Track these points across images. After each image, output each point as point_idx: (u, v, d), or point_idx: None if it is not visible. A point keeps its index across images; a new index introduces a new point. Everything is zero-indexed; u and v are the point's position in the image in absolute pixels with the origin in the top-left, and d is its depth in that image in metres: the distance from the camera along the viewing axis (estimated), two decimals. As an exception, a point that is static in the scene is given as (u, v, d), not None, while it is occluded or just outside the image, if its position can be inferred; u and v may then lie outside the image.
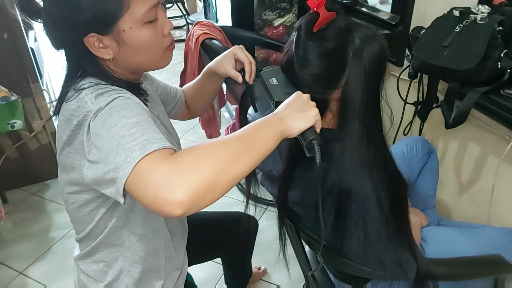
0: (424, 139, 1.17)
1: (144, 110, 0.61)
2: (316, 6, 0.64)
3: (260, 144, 0.57)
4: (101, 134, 0.57)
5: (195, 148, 0.53)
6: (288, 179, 0.79)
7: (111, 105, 0.60)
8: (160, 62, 0.72)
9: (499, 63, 0.96)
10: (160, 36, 0.68)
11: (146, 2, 0.63)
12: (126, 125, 0.56)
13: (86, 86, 0.64)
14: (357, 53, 0.64)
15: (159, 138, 0.55)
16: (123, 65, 0.69)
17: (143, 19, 0.64)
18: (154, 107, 0.82)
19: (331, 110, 0.73)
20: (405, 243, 0.72)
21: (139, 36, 0.65)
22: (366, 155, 0.66)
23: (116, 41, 0.64)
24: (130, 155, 0.52)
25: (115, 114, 0.58)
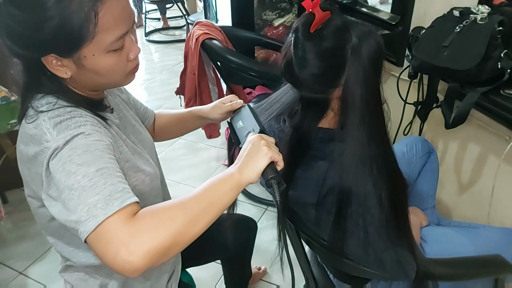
0: (424, 139, 1.17)
1: (105, 150, 0.59)
2: (311, 7, 0.65)
3: (217, 202, 0.60)
4: (61, 179, 0.56)
5: (155, 212, 0.56)
6: (288, 179, 0.79)
7: (70, 146, 0.57)
8: (121, 83, 0.70)
9: (499, 63, 0.96)
10: (125, 62, 0.65)
11: (113, 32, 0.59)
12: (87, 175, 0.55)
13: (44, 109, 0.62)
14: (355, 50, 0.64)
15: (121, 190, 0.56)
16: (81, 83, 0.66)
17: (107, 48, 0.60)
18: (123, 116, 0.79)
19: (333, 108, 0.73)
20: (405, 242, 0.72)
21: (101, 63, 0.61)
22: (367, 152, 0.67)
23: (76, 64, 0.61)
24: (92, 213, 0.53)
25: (75, 159, 0.56)
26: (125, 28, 0.61)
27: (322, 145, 0.75)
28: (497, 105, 1.00)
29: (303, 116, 0.75)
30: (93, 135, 0.60)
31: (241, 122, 0.75)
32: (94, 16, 0.56)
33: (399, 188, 0.72)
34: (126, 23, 0.61)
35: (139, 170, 0.72)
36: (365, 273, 0.72)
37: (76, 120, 0.61)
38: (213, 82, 1.74)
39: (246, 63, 1.45)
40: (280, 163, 0.63)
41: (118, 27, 0.60)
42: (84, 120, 0.61)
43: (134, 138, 0.79)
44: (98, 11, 0.56)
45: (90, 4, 0.56)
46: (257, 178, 0.62)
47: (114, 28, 0.59)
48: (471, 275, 0.87)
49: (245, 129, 0.72)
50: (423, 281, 0.75)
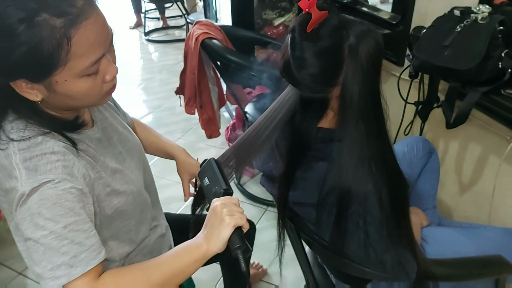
0: (424, 139, 1.17)
1: (75, 199, 0.58)
2: (307, 6, 0.64)
3: (180, 273, 0.63)
4: (27, 229, 0.55)
5: (119, 278, 0.60)
6: (288, 179, 0.79)
7: (39, 195, 0.55)
8: (95, 104, 0.67)
9: (500, 63, 0.96)
10: (100, 84, 0.61)
11: (88, 58, 0.56)
12: (54, 231, 0.55)
13: (14, 138, 0.59)
14: (352, 49, 0.64)
15: (87, 249, 0.57)
16: (53, 105, 0.62)
17: (81, 74, 0.57)
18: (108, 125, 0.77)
19: (332, 108, 0.73)
20: (405, 242, 0.72)
21: (73, 88, 0.58)
22: (365, 151, 0.66)
23: (47, 89, 0.58)
24: (55, 274, 0.55)
25: (44, 213, 0.55)
26: (100, 52, 0.58)
27: (322, 145, 0.75)
28: (498, 105, 1.00)
29: (303, 116, 0.75)
30: (63, 183, 0.57)
31: (207, 179, 0.75)
32: (66, 42, 0.53)
33: (399, 188, 0.72)
34: (102, 46, 0.58)
35: (120, 193, 0.70)
36: (365, 273, 0.72)
37: (47, 160, 0.58)
38: (213, 81, 1.73)
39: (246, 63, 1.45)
40: (245, 226, 0.64)
41: (93, 53, 0.56)
42: (56, 160, 0.58)
43: (120, 148, 0.76)
44: (71, 37, 0.53)
45: (63, 30, 0.52)
46: (223, 247, 0.63)
47: (88, 54, 0.56)
48: (472, 275, 0.86)
49: (210, 187, 0.73)
50: (424, 282, 0.75)
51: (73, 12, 0.53)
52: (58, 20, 0.52)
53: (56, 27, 0.52)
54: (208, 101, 1.74)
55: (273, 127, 0.76)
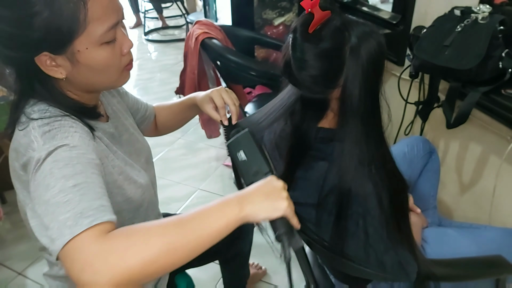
0: (425, 139, 1.17)
1: (88, 165, 0.57)
2: (310, 6, 0.63)
3: (205, 236, 0.51)
4: (41, 192, 0.54)
5: (132, 231, 0.51)
6: (288, 179, 0.79)
7: (53, 157, 0.55)
8: (117, 82, 0.69)
9: (500, 62, 0.96)
10: (119, 56, 0.65)
11: (104, 22, 0.59)
12: (63, 189, 0.53)
13: (35, 117, 0.61)
14: (354, 51, 0.63)
15: (95, 208, 0.52)
16: (76, 84, 0.65)
17: (100, 40, 0.60)
18: (120, 124, 0.78)
19: (332, 109, 0.72)
20: (405, 243, 0.71)
21: (95, 57, 0.61)
22: (365, 152, 0.66)
23: (70, 61, 0.60)
24: (62, 232, 0.50)
25: (55, 173, 0.54)
26: (114, 18, 0.61)
27: (322, 145, 0.74)
28: (498, 105, 1.00)
29: (303, 115, 0.75)
30: (78, 148, 0.57)
31: (243, 154, 0.65)
32: (83, 6, 0.56)
33: (399, 189, 0.72)
34: (115, 13, 0.61)
35: (132, 181, 0.71)
36: (365, 274, 0.72)
37: (65, 130, 0.59)
38: (213, 81, 1.73)
39: (246, 63, 1.45)
40: (295, 224, 0.58)
41: (108, 17, 0.60)
42: (73, 131, 0.60)
43: (130, 147, 0.78)
44: (87, 1, 0.56)
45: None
46: (260, 220, 0.56)
47: (104, 18, 0.59)
48: (473, 275, 0.86)
49: (249, 164, 0.64)
50: (424, 282, 0.75)
51: None
52: None
53: None
54: (208, 101, 1.74)
55: (271, 124, 0.76)
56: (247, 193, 0.56)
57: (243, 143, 0.66)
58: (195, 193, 1.91)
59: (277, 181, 0.58)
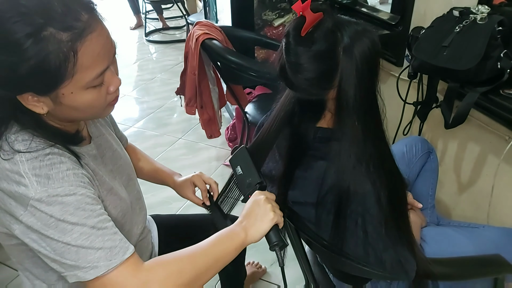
0: (423, 139, 1.17)
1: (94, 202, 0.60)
2: (301, 9, 0.63)
3: (222, 259, 0.66)
4: (54, 235, 0.57)
5: (166, 264, 0.61)
6: (288, 179, 0.80)
7: (61, 204, 0.57)
8: (100, 115, 0.69)
9: (499, 63, 0.96)
10: (104, 96, 0.62)
11: (93, 70, 0.57)
12: (83, 233, 0.57)
13: (21, 149, 0.59)
14: (347, 51, 0.63)
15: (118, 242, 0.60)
16: (57, 118, 0.64)
17: (87, 85, 0.58)
18: (103, 141, 0.78)
19: (329, 109, 0.73)
20: (404, 241, 0.72)
21: (79, 99, 0.59)
22: (363, 151, 0.66)
23: (53, 101, 0.59)
24: (93, 264, 0.57)
25: (69, 219, 0.57)
26: (105, 64, 0.59)
27: (321, 145, 0.75)
28: (496, 105, 1.00)
29: (301, 117, 0.75)
30: (79, 189, 0.59)
31: (239, 168, 0.77)
32: (73, 55, 0.54)
33: (397, 188, 0.72)
34: (107, 58, 0.59)
35: (113, 206, 0.72)
36: (365, 272, 0.72)
37: (57, 169, 0.59)
38: (213, 82, 1.74)
39: (246, 63, 1.45)
40: (281, 224, 0.69)
41: (98, 65, 0.58)
42: (65, 169, 0.60)
43: (113, 165, 0.78)
44: (78, 50, 0.54)
45: (69, 44, 0.53)
46: (260, 239, 0.68)
47: (94, 66, 0.57)
48: (471, 274, 0.87)
49: (244, 177, 0.76)
50: (423, 281, 0.75)
51: (79, 26, 0.54)
52: (64, 34, 0.53)
53: (62, 41, 0.53)
54: (208, 101, 1.74)
55: (277, 129, 0.76)
56: (244, 220, 0.69)
57: (240, 158, 0.78)
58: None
59: (260, 197, 0.70)
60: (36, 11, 0.52)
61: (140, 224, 0.87)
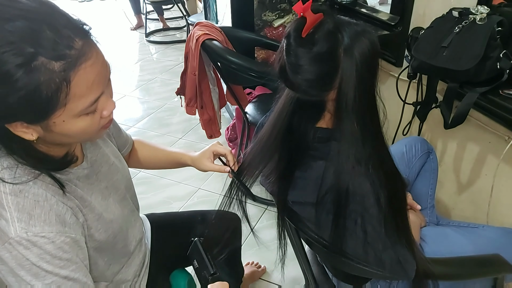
0: (423, 139, 1.17)
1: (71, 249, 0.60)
2: (302, 10, 0.63)
3: None
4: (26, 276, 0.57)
5: None
6: (287, 179, 0.80)
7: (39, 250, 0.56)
8: (92, 139, 0.67)
9: (498, 63, 0.96)
10: (98, 122, 0.60)
11: (87, 98, 0.54)
12: (55, 281, 0.58)
13: (5, 178, 0.57)
14: (348, 52, 0.63)
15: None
16: (47, 143, 0.61)
17: (79, 114, 0.56)
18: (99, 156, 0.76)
19: (329, 110, 0.73)
20: (404, 241, 0.72)
21: (71, 127, 0.57)
22: (362, 152, 0.67)
23: (44, 129, 0.56)
24: None
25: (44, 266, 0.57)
26: (99, 91, 0.56)
27: (320, 145, 0.75)
28: (496, 105, 1.00)
29: (301, 117, 0.76)
30: (58, 236, 0.59)
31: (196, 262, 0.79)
32: (66, 86, 0.51)
33: (397, 188, 0.72)
34: (101, 85, 0.57)
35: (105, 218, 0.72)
36: (364, 272, 0.72)
37: (40, 210, 0.58)
38: (213, 82, 1.74)
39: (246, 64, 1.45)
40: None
41: (92, 93, 0.55)
42: (48, 209, 0.59)
43: (108, 181, 0.76)
44: (71, 80, 0.51)
45: (62, 74, 0.50)
46: None
47: (87, 94, 0.54)
48: (471, 274, 0.87)
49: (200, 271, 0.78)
50: (423, 280, 0.75)
51: (72, 55, 0.51)
52: (56, 64, 0.50)
53: (55, 70, 0.50)
54: (208, 101, 1.75)
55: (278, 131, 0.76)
56: None
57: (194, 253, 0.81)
58: (196, 192, 1.92)
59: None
60: (25, 39, 0.48)
61: (137, 235, 0.88)
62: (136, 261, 0.89)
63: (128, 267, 0.86)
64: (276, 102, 0.80)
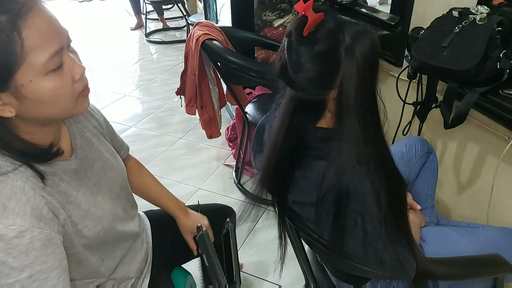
0: (423, 139, 1.17)
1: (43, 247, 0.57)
2: (303, 9, 0.63)
3: None
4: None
5: None
6: (288, 179, 0.80)
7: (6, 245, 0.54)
8: (74, 110, 0.62)
9: (498, 63, 0.96)
10: (69, 83, 0.58)
11: (45, 50, 0.54)
12: (19, 280, 0.55)
13: None
14: (349, 51, 0.63)
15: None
16: (29, 120, 0.59)
17: (44, 70, 0.54)
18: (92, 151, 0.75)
19: (330, 109, 0.73)
20: (404, 241, 0.72)
21: (41, 88, 0.55)
22: (363, 152, 0.67)
23: (16, 97, 0.55)
24: None
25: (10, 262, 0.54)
26: (57, 44, 0.55)
27: (320, 145, 0.75)
28: (496, 105, 1.00)
29: (301, 116, 0.76)
30: (29, 231, 0.56)
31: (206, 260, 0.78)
32: (17, 36, 0.51)
33: (397, 188, 0.72)
34: (57, 39, 0.56)
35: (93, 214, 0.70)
36: (364, 272, 0.72)
37: (16, 201, 0.56)
38: (213, 82, 1.74)
39: (246, 64, 1.45)
40: None
41: (49, 44, 0.54)
42: (25, 201, 0.57)
43: (100, 178, 0.75)
44: (21, 30, 0.51)
45: (9, 24, 0.50)
46: None
47: (44, 45, 0.54)
48: (471, 274, 0.87)
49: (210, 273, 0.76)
50: (423, 280, 0.75)
51: (16, 7, 0.52)
52: (2, 16, 0.51)
53: (2, 21, 0.50)
54: (208, 101, 1.75)
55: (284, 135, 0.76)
56: None
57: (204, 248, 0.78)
58: (196, 192, 1.92)
59: None
60: None
61: (134, 230, 0.87)
62: (138, 258, 0.89)
63: (131, 264, 0.86)
64: (278, 106, 0.80)
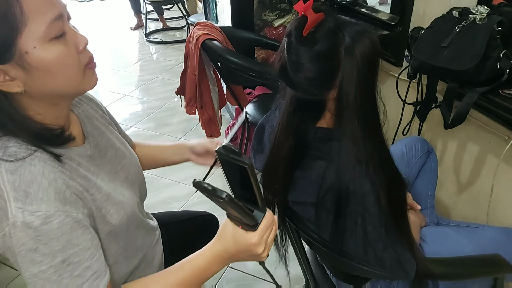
0: (423, 139, 1.17)
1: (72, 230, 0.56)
2: (303, 9, 0.63)
3: (202, 282, 0.67)
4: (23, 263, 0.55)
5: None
6: (288, 179, 0.80)
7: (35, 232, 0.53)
8: (83, 84, 0.62)
9: (498, 63, 0.96)
10: (74, 52, 0.59)
11: (45, 14, 0.54)
12: (52, 266, 0.55)
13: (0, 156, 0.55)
14: (349, 51, 0.64)
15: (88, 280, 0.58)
16: (38, 96, 0.59)
17: (47, 35, 0.55)
18: (104, 140, 0.75)
19: (329, 109, 0.73)
20: (404, 241, 0.72)
21: (47, 55, 0.55)
22: (363, 152, 0.67)
23: (22, 67, 0.55)
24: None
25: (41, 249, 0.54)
26: (56, 10, 0.56)
27: (320, 145, 0.75)
28: (496, 105, 1.00)
29: (301, 116, 0.76)
30: (56, 216, 0.55)
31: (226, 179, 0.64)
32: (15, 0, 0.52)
33: (397, 187, 0.72)
34: (56, 5, 0.56)
35: (115, 205, 0.69)
36: (364, 272, 0.72)
37: (37, 186, 0.55)
38: (213, 82, 1.74)
39: (246, 64, 1.45)
40: None
41: (48, 8, 0.55)
42: (47, 185, 0.56)
43: (115, 165, 0.75)
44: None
45: None
46: None
47: (43, 9, 0.54)
48: (471, 274, 0.87)
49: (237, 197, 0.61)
50: (423, 280, 0.76)
51: None
52: None
53: None
54: (208, 101, 1.75)
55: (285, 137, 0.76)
56: (234, 256, 0.63)
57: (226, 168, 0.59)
58: (196, 192, 1.90)
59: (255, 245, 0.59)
60: None
61: (150, 222, 0.87)
62: (157, 261, 0.89)
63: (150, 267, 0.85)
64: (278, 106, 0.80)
